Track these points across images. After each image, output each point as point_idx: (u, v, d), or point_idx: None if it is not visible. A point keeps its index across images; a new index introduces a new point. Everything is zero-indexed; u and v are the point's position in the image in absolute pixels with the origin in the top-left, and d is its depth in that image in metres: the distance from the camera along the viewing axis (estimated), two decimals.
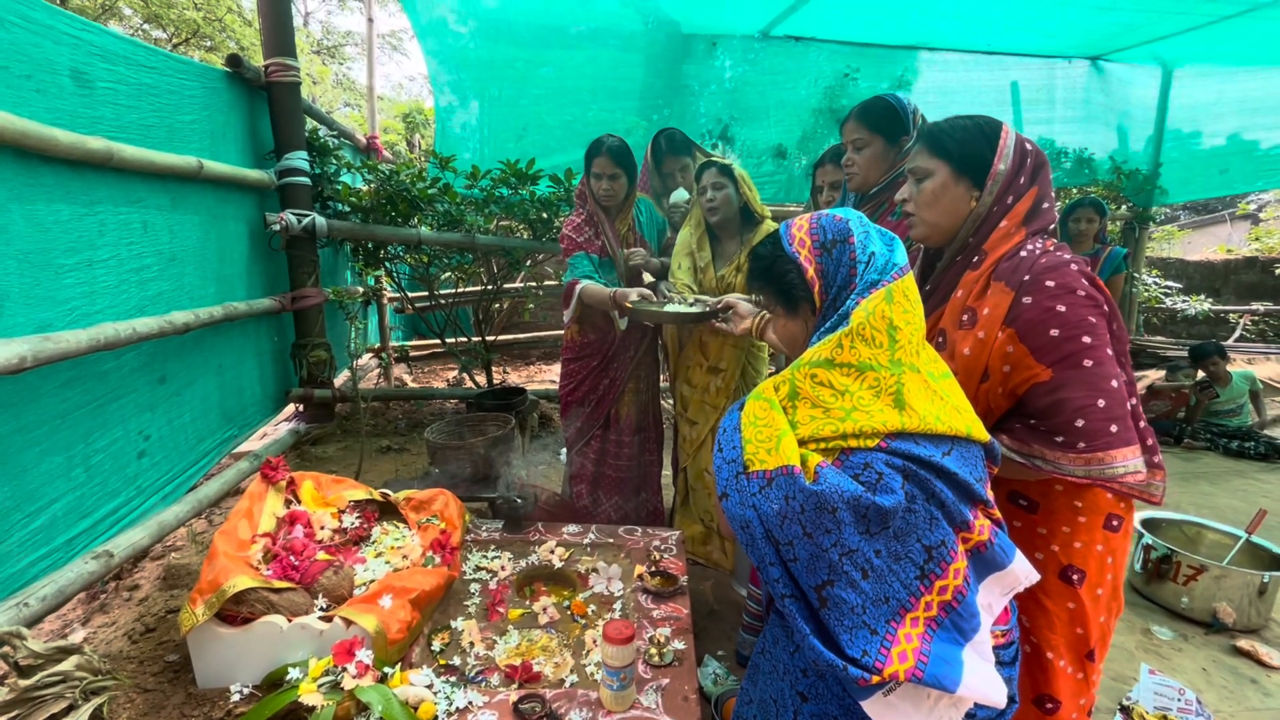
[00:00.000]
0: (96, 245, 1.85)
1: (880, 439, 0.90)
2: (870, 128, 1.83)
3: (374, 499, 2.10)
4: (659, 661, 1.58)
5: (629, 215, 2.60)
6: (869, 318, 0.93)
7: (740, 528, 0.93)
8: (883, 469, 0.88)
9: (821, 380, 0.94)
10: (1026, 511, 1.24)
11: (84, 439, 1.76)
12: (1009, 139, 1.21)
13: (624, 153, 2.48)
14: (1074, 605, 1.21)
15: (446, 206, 3.59)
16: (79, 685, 1.36)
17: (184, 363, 2.27)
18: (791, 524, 0.88)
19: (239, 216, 2.78)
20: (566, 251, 2.51)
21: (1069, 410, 1.08)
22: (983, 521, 0.94)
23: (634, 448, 2.76)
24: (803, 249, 1.02)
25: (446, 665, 1.60)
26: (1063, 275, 1.11)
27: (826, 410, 0.93)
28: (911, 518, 0.88)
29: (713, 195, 2.48)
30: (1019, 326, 1.12)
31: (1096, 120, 5.49)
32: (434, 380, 5.49)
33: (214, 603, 1.43)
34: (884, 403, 0.91)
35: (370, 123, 4.79)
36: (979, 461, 0.98)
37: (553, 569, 2.07)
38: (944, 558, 0.89)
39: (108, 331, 1.72)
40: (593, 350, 2.62)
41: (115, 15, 9.41)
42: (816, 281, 1.01)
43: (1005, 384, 1.16)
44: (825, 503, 0.86)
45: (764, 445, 0.93)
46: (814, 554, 0.87)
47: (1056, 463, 1.10)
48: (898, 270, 0.98)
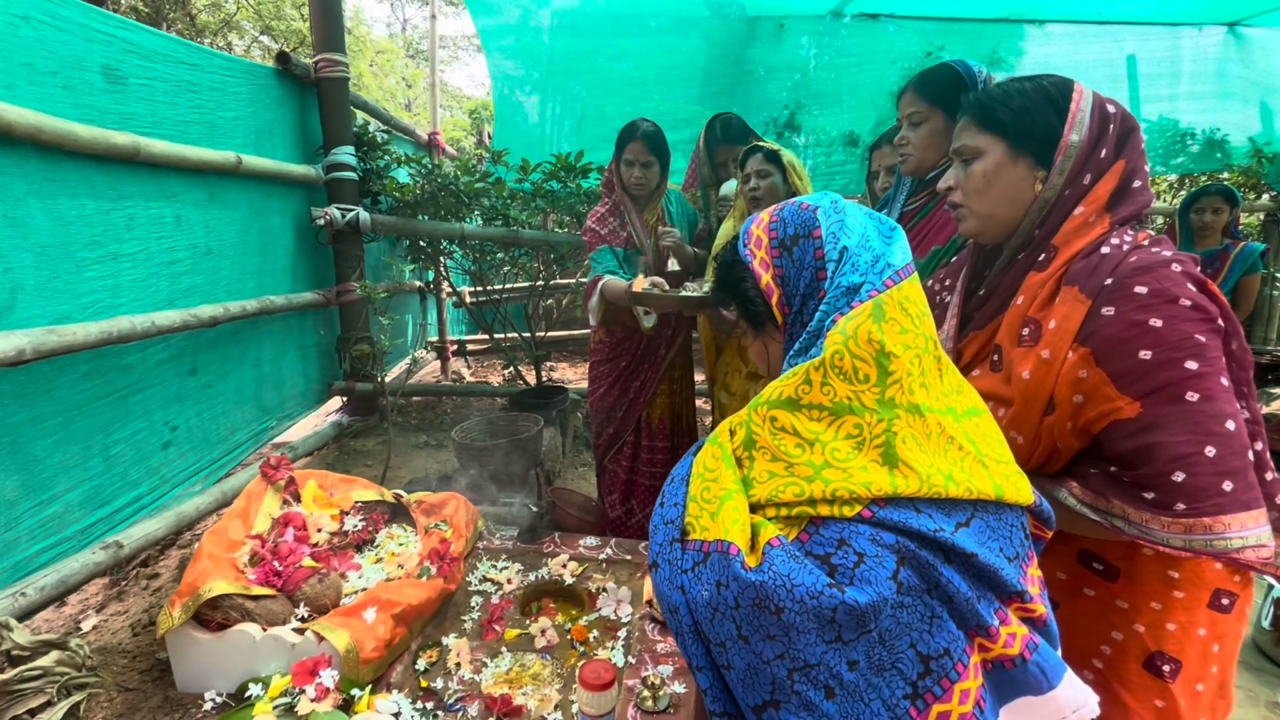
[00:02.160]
0: (123, 239, 1.88)
1: (863, 505, 0.66)
2: (930, 99, 1.54)
3: (385, 500, 2.04)
4: (652, 707, 1.40)
5: (658, 206, 2.42)
6: (848, 343, 0.69)
7: (668, 610, 0.72)
8: (865, 548, 0.65)
9: (783, 425, 0.71)
10: (1103, 578, 0.97)
11: (103, 430, 1.79)
12: (1083, 100, 0.94)
13: (659, 139, 2.31)
14: (1163, 704, 0.93)
15: (492, 201, 3.54)
16: (59, 681, 1.35)
17: (219, 355, 2.30)
18: (724, 621, 0.66)
19: (284, 211, 2.82)
20: (590, 246, 2.37)
21: (1164, 459, 0.81)
22: (1014, 628, 0.68)
23: (668, 454, 2.59)
24: (759, 249, 0.80)
25: (427, 688, 1.49)
26: (1159, 278, 0.84)
27: (789, 466, 0.70)
28: (904, 615, 0.65)
29: (756, 184, 2.25)
30: (1095, 345, 0.86)
31: (1233, 96, 4.74)
32: (491, 375, 5.52)
33: (190, 606, 1.39)
34: (868, 457, 0.68)
35: (432, 118, 4.84)
36: (1016, 533, 0.73)
37: (562, 585, 1.93)
38: (946, 673, 0.65)
39: (122, 325, 1.74)
40: (621, 350, 2.47)
41: (235, 29, 10.21)
42: (774, 290, 0.78)
43: (1076, 419, 0.89)
44: (766, 600, 0.64)
45: (707, 508, 0.71)
46: (752, 665, 0.66)
47: (1145, 527, 0.83)
48: (894, 273, 0.73)
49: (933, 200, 1.66)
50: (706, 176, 2.70)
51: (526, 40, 4.51)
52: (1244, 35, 4.60)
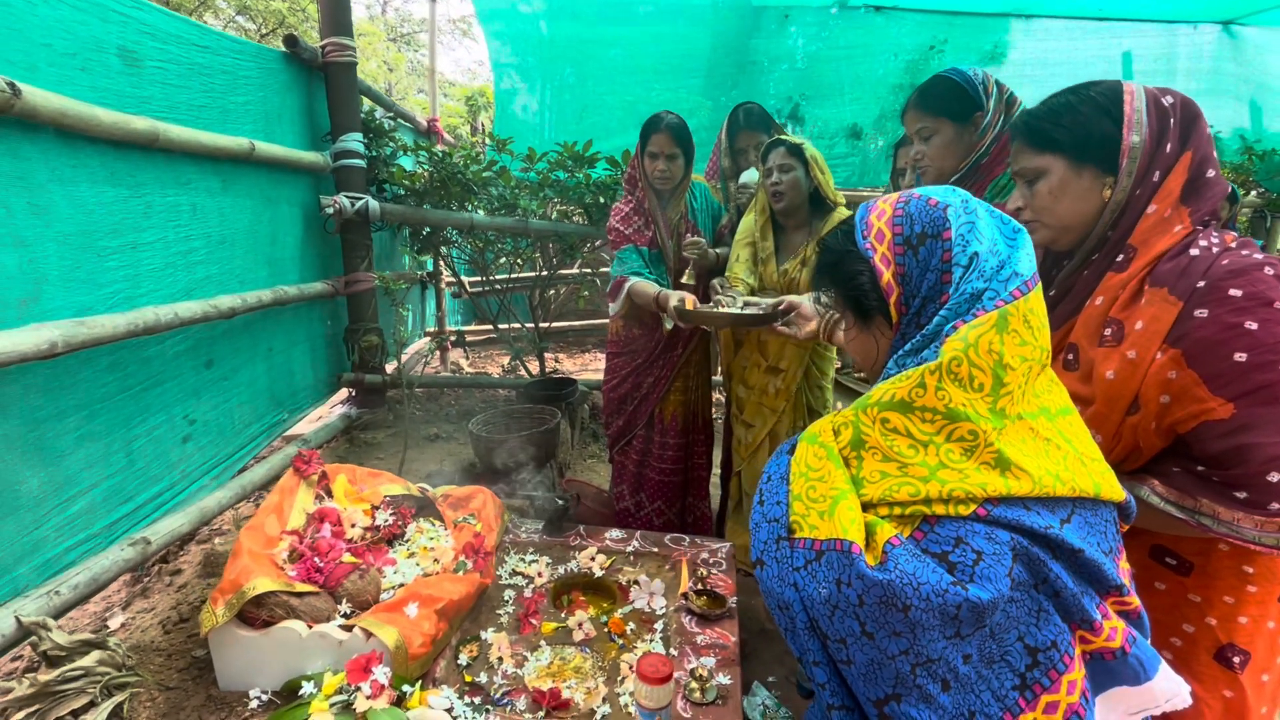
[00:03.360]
0: (142, 228, 1.83)
1: (978, 504, 0.67)
2: (934, 112, 1.58)
3: (411, 494, 2.02)
4: (700, 699, 1.41)
5: (682, 201, 2.40)
6: (968, 351, 0.69)
7: (778, 608, 0.72)
8: (983, 546, 0.66)
9: (895, 427, 0.71)
10: (1175, 572, 0.99)
11: (125, 424, 1.75)
12: (1137, 100, 0.94)
13: (683, 131, 2.27)
14: (1231, 694, 0.95)
15: (500, 190, 3.50)
16: (100, 681, 1.32)
17: (232, 346, 2.26)
18: (845, 618, 0.67)
19: (293, 199, 2.76)
20: (614, 244, 2.34)
21: (1259, 459, 0.81)
22: (1115, 623, 0.70)
23: (680, 450, 2.59)
24: (880, 244, 0.78)
25: (472, 683, 1.49)
26: (1253, 281, 0.85)
27: (903, 466, 0.70)
28: (1014, 609, 0.66)
29: (779, 178, 2.23)
30: (1188, 347, 0.87)
31: (1225, 94, 4.83)
32: (490, 366, 5.48)
33: (234, 604, 1.36)
34: (980, 461, 0.68)
35: (431, 105, 4.76)
36: (1110, 527, 0.74)
37: (592, 578, 1.94)
38: (1054, 664, 0.66)
39: (147, 316, 1.69)
40: (638, 346, 2.46)
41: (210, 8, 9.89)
42: (895, 289, 0.77)
43: (1162, 419, 0.90)
44: (894, 598, 0.64)
45: (815, 506, 0.71)
46: (875, 660, 0.67)
47: (1235, 525, 0.84)
48: (1022, 283, 0.72)
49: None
50: (727, 168, 2.68)
51: (524, 27, 4.45)
52: (1238, 34, 4.68)
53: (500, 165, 3.55)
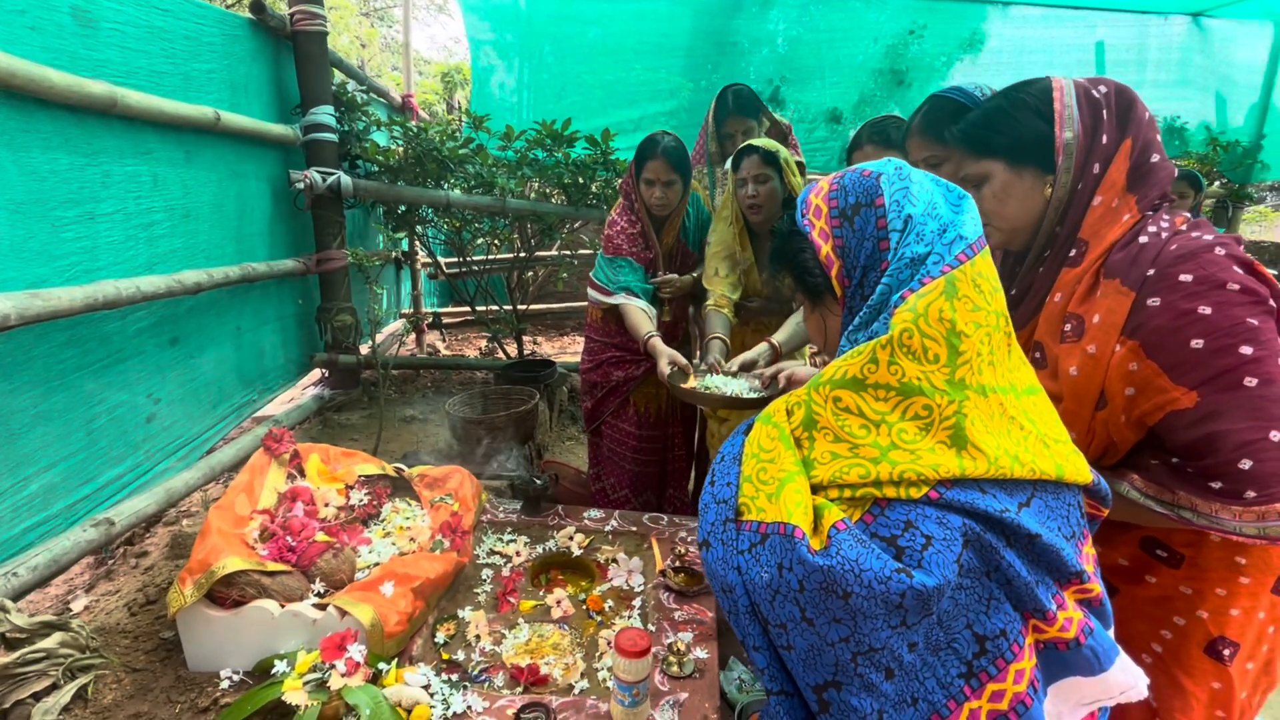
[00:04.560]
0: (100, 198, 1.76)
1: (930, 487, 0.65)
2: (941, 139, 1.46)
3: (387, 474, 1.99)
4: (678, 673, 1.43)
5: (678, 223, 2.34)
6: (918, 321, 0.67)
7: (721, 590, 0.71)
8: (933, 530, 0.64)
9: (847, 406, 0.69)
10: (1166, 565, 0.97)
11: (84, 402, 1.69)
12: (1067, 96, 0.94)
13: (681, 154, 2.18)
14: (1219, 685, 0.95)
15: (478, 168, 3.43)
16: (63, 663, 1.28)
17: (198, 324, 2.19)
18: (786, 603, 0.66)
19: (261, 174, 2.67)
20: (609, 249, 2.28)
21: (1228, 447, 0.80)
22: (1071, 613, 0.69)
23: (657, 443, 2.58)
24: (818, 219, 0.77)
25: (449, 660, 1.48)
26: (1203, 264, 0.83)
27: (854, 447, 0.68)
28: (962, 597, 0.65)
29: (755, 190, 2.11)
30: (1144, 337, 0.85)
31: (1193, 85, 4.93)
32: (467, 348, 5.42)
33: (203, 583, 1.33)
34: (936, 439, 0.66)
35: (406, 80, 4.64)
36: (1074, 511, 0.73)
37: (570, 557, 1.93)
38: (1002, 653, 0.66)
39: (107, 290, 1.63)
40: (611, 342, 2.44)
41: None
42: (834, 261, 0.75)
43: (1130, 412, 0.89)
44: (834, 584, 0.63)
45: (764, 489, 0.70)
46: (815, 646, 0.65)
47: (1214, 517, 0.82)
48: (966, 246, 0.70)
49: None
50: (713, 153, 2.65)
51: (502, 2, 4.34)
52: (1206, 26, 4.78)
53: (477, 143, 3.48)
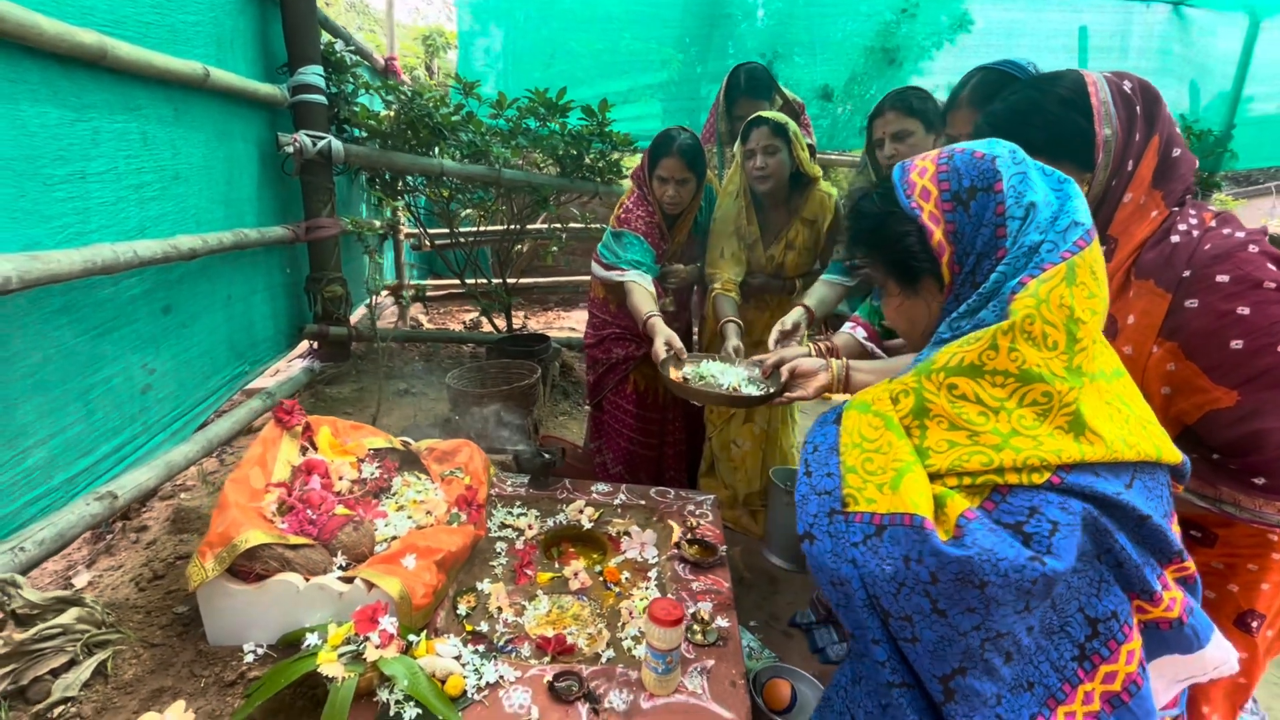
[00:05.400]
0: (90, 156, 1.66)
1: (1051, 472, 0.66)
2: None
3: (394, 447, 1.96)
4: (702, 641, 1.46)
5: (690, 221, 2.31)
6: (1040, 308, 0.66)
7: (830, 584, 0.70)
8: (1058, 516, 0.64)
9: (964, 394, 0.69)
10: (1199, 544, 1.00)
11: (80, 371, 1.62)
12: (1102, 92, 0.92)
13: (696, 152, 2.14)
14: (1245, 655, 0.99)
15: (471, 136, 3.34)
16: (80, 639, 1.25)
17: (190, 292, 2.10)
18: (913, 595, 0.64)
19: (248, 136, 2.56)
20: (622, 223, 2.22)
21: (1272, 445, 0.82)
22: (1174, 593, 0.70)
23: (656, 424, 2.60)
24: (926, 202, 0.74)
25: (474, 632, 1.48)
26: (1239, 264, 0.84)
27: (973, 434, 0.68)
28: (1076, 580, 0.66)
29: (764, 161, 2.13)
30: (1184, 339, 0.86)
31: (1170, 74, 5.05)
32: (450, 322, 5.33)
33: (225, 557, 1.30)
34: (1054, 425, 0.66)
35: (389, 43, 4.46)
36: (1165, 490, 0.74)
37: (581, 530, 1.95)
38: (1114, 635, 0.67)
39: (104, 253, 1.55)
40: (614, 320, 2.42)
41: None
42: (946, 248, 0.74)
43: (1166, 410, 0.90)
44: (971, 575, 0.62)
45: (873, 479, 0.69)
46: (945, 637, 0.64)
47: (1258, 512, 0.85)
48: (1084, 233, 0.70)
49: None
50: (723, 132, 2.61)
51: None
52: (1186, 15, 4.88)
53: (468, 110, 3.38)
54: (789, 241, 2.32)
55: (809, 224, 2.31)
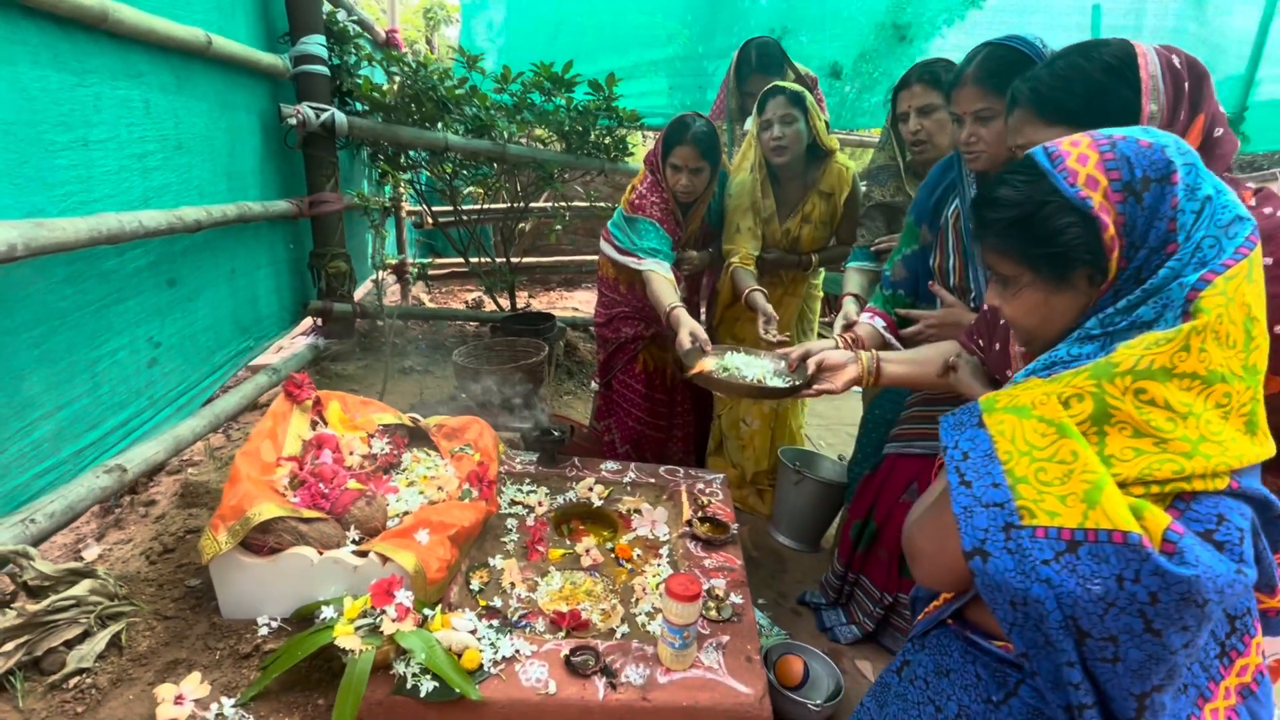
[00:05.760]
0: (92, 123, 1.62)
1: (1231, 477, 0.63)
2: (1000, 90, 1.34)
3: (403, 423, 1.95)
4: (717, 616, 1.46)
5: (703, 210, 2.27)
6: (1229, 306, 0.64)
7: (1010, 604, 0.65)
8: (1240, 522, 0.62)
9: (1153, 398, 0.64)
10: None
11: (87, 343, 1.59)
12: (1151, 65, 0.88)
13: (713, 142, 2.09)
14: None
15: (475, 111, 3.27)
16: (94, 611, 1.24)
17: (195, 265, 2.07)
18: (1124, 616, 0.60)
19: (250, 107, 2.50)
20: (636, 209, 2.17)
21: None
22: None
23: (664, 406, 2.59)
24: (1094, 191, 0.69)
25: (488, 607, 1.48)
26: None
27: (1160, 441, 0.64)
28: None
29: (781, 132, 2.09)
30: None
31: None
32: (451, 301, 5.29)
33: (238, 530, 1.29)
34: (1234, 427, 0.64)
35: (390, 15, 4.36)
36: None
37: (591, 507, 1.94)
38: (1248, 629, 0.68)
39: (110, 223, 1.52)
40: (621, 300, 2.40)
41: None
42: (1119, 241, 0.69)
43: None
44: (1196, 594, 0.58)
45: (1051, 490, 0.64)
46: (1154, 656, 0.61)
47: None
48: (1251, 228, 0.68)
49: None
50: (734, 110, 2.56)
51: None
52: None
53: (471, 84, 3.31)
54: (805, 215, 2.29)
55: (825, 197, 2.27)
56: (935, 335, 1.55)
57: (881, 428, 2.01)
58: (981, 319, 1.30)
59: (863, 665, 1.87)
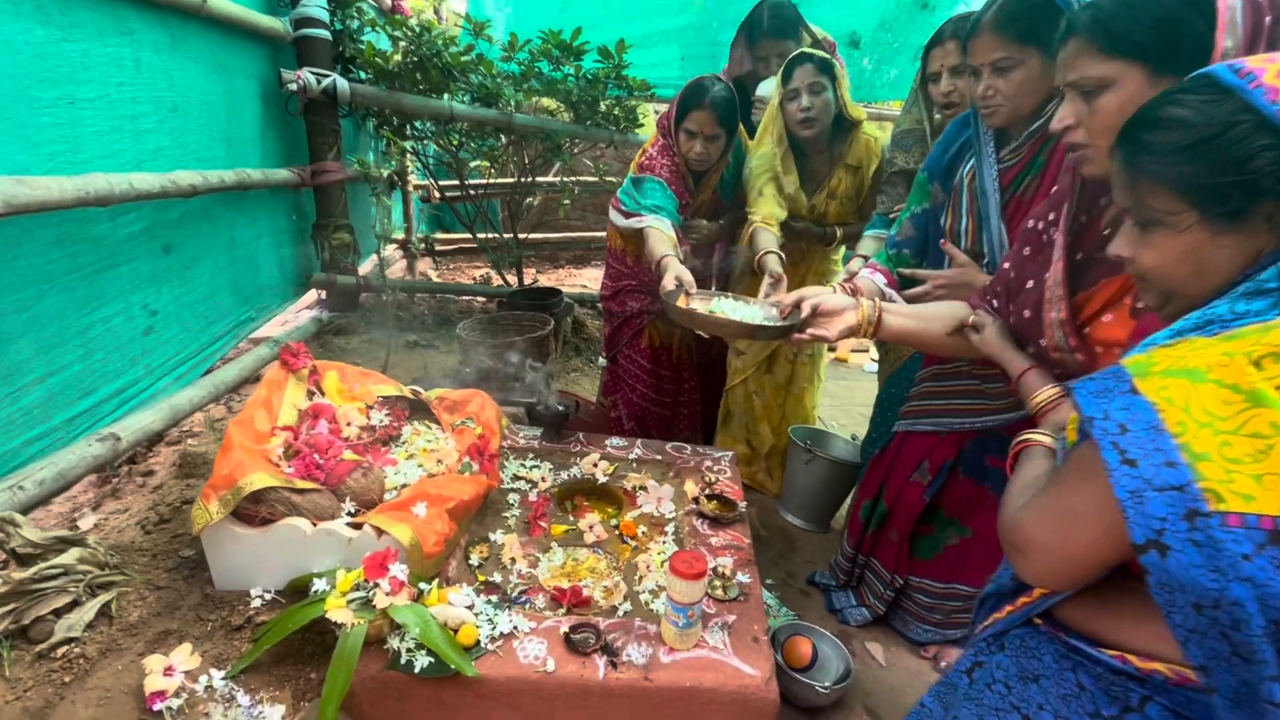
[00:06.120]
0: (80, 80, 1.56)
1: None
2: (1021, 38, 1.28)
3: (404, 395, 1.90)
4: (723, 596, 1.41)
5: (715, 179, 2.17)
6: None
7: (1195, 607, 0.56)
8: None
9: None
10: None
11: (78, 308, 1.55)
12: None
13: (730, 107, 1.96)
14: None
15: (481, 79, 3.19)
16: (83, 579, 1.21)
17: (191, 232, 2.02)
18: None
19: (249, 71, 2.44)
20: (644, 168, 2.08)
21: None
22: None
23: (671, 383, 2.53)
24: None
25: (487, 582, 1.44)
26: None
27: None
28: None
29: (809, 102, 1.96)
30: None
31: None
32: (459, 277, 5.23)
33: (229, 500, 1.25)
34: None
35: None
36: None
37: (595, 484, 1.89)
38: None
39: (98, 183, 1.47)
40: (627, 271, 2.32)
41: None
42: None
43: None
44: None
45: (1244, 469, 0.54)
46: None
47: None
48: None
49: (1037, 156, 1.39)
50: (745, 75, 2.46)
51: None
52: None
53: (478, 51, 3.22)
54: (831, 190, 2.17)
55: (853, 171, 2.16)
56: (944, 297, 1.47)
57: (897, 406, 1.94)
58: (999, 281, 1.22)
59: (873, 648, 1.82)
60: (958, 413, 1.61)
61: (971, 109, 1.50)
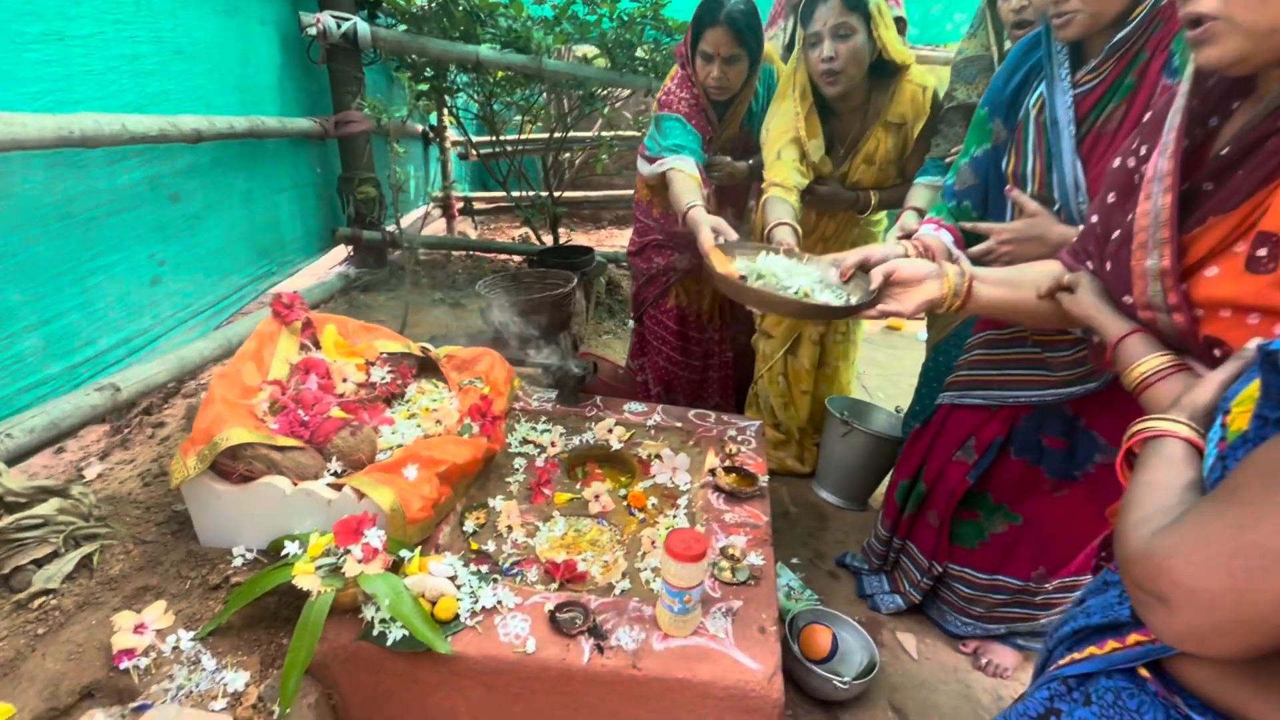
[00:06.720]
0: (70, 15, 1.49)
1: None
2: None
3: (411, 352, 1.82)
4: (731, 579, 1.27)
5: (742, 111, 1.92)
6: None
7: None
8: None
9: None
10: None
11: (75, 255, 1.52)
12: None
13: (752, 24, 1.72)
14: None
15: (510, 23, 3.02)
16: (63, 530, 1.18)
17: (201, 182, 1.97)
18: None
19: (266, 16, 2.35)
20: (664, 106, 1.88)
21: None
22: None
23: (699, 346, 2.36)
24: None
25: (479, 551, 1.36)
26: None
27: None
28: None
29: (832, 50, 1.62)
30: None
31: None
32: (500, 236, 5.16)
33: (206, 455, 1.19)
34: None
35: None
36: None
37: (609, 450, 1.77)
38: None
39: (85, 123, 1.40)
40: (656, 225, 2.15)
41: None
42: None
43: None
44: None
45: None
46: None
47: None
48: None
49: (1129, 68, 1.12)
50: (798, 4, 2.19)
51: None
52: None
53: None
54: (868, 155, 1.81)
55: (894, 129, 1.79)
56: (1010, 255, 1.24)
57: (945, 377, 1.73)
58: (1090, 232, 1.00)
59: (905, 638, 1.66)
60: (1013, 384, 1.40)
61: (1044, 24, 1.24)
